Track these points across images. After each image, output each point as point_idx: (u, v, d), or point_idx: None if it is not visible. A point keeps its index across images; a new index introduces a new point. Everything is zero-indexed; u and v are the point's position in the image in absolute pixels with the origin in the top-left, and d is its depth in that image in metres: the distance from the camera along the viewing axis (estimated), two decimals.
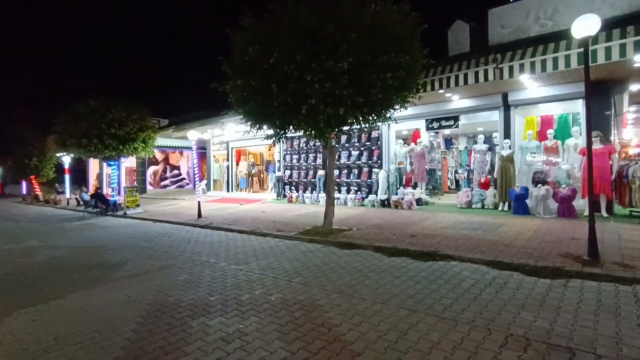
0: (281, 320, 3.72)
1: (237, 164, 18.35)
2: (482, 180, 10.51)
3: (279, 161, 15.72)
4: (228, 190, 18.23)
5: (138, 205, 14.46)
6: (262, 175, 18.52)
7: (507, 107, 9.77)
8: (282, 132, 7.75)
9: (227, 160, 18.46)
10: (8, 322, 4.05)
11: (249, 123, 7.82)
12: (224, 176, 18.95)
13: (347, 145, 13.42)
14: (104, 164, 28.54)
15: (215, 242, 8.05)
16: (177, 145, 23.26)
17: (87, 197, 14.92)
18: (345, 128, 7.63)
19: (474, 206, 10.27)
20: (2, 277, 5.93)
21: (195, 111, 20.46)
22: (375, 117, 7.32)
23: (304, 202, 13.47)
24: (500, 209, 9.68)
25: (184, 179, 24.76)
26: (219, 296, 4.49)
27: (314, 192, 13.84)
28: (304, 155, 15.02)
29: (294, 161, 15.33)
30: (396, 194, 11.50)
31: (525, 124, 10.02)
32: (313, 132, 7.28)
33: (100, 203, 14.28)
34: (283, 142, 15.67)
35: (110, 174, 15.96)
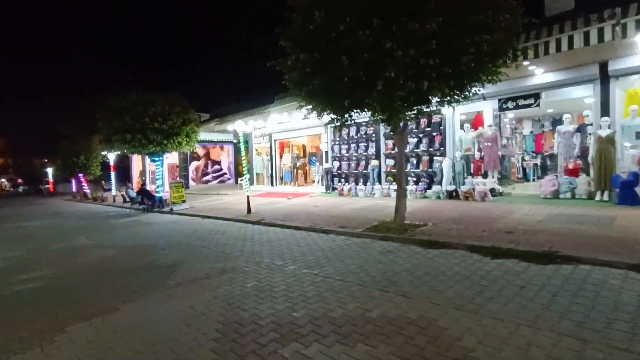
0: (402, 350, 2.77)
1: (281, 156, 17.63)
2: (570, 166, 9.05)
3: (327, 152, 14.80)
4: (272, 184, 17.56)
5: (184, 201, 14.06)
6: (306, 168, 17.70)
7: (605, 78, 8.23)
8: (349, 115, 6.77)
9: (270, 153, 17.78)
10: (62, 341, 3.37)
11: (309, 107, 6.89)
12: (267, 170, 18.31)
13: None
14: (147, 161, 28.99)
15: (273, 240, 7.25)
16: (218, 140, 22.97)
17: (133, 193, 14.72)
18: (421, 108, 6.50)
19: (561, 196, 8.85)
20: (53, 280, 5.39)
21: (235, 103, 20.01)
22: (459, 93, 6.16)
23: (357, 195, 12.48)
24: (598, 198, 8.22)
25: (225, 173, 24.48)
26: (305, 311, 3.60)
27: (367, 184, 12.81)
28: (354, 145, 13.98)
29: (343, 152, 14.34)
30: (463, 184, 10.25)
31: (627, 98, 8.45)
32: (386, 114, 6.25)
33: (146, 199, 14.00)
34: (331, 132, 14.75)
35: (155, 170, 15.69)
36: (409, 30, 5.11)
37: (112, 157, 21.70)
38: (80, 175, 25.46)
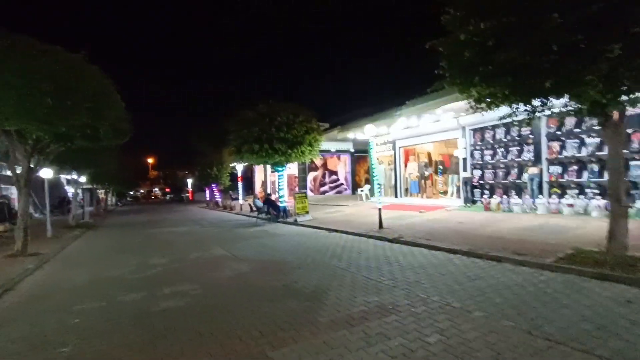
0: None
1: (405, 165, 16.08)
2: None
3: (465, 159, 12.74)
4: (396, 196, 16.11)
5: (307, 212, 13.62)
6: (433, 178, 15.77)
7: None
8: (544, 103, 4.99)
9: (394, 161, 16.39)
10: None
11: (479, 97, 5.31)
12: (389, 180, 16.95)
13: (576, 130, 9.59)
14: (268, 172, 30.54)
15: (426, 265, 5.81)
16: (336, 149, 22.62)
17: (259, 203, 14.92)
18: None
19: None
20: (194, 299, 4.92)
21: (355, 110, 19.31)
22: None
23: (511, 210, 10.18)
24: None
25: (342, 184, 23.97)
26: None
27: (522, 196, 10.38)
28: (501, 149, 11.65)
29: (487, 158, 12.09)
30: None
31: None
32: (608, 96, 4.31)
33: (272, 209, 13.97)
34: (471, 135, 12.67)
35: (278, 181, 15.76)
36: None
37: (240, 168, 23.15)
38: (213, 185, 27.96)
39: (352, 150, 23.32)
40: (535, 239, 6.78)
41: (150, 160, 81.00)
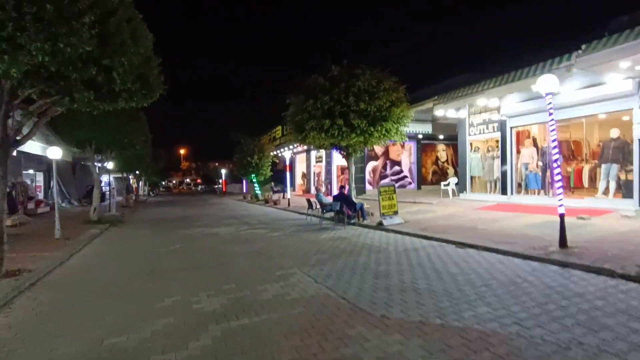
0: None
1: (518, 152, 11.99)
2: None
3: (639, 140, 8.61)
4: (504, 193, 12.10)
5: (396, 212, 9.95)
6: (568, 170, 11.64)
7: None
8: None
9: (501, 146, 12.30)
10: None
11: None
12: (490, 172, 12.94)
13: None
14: (312, 161, 26.99)
15: None
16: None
17: (325, 199, 11.36)
18: None
19: None
20: None
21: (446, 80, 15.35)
22: None
23: None
24: None
25: (405, 176, 20.04)
26: None
27: None
28: None
29: None
30: None
31: None
32: None
33: (347, 208, 10.36)
34: None
35: (350, 171, 12.17)
36: None
37: (287, 155, 19.77)
38: (252, 175, 24.75)
39: (420, 136, 19.37)
40: None
41: (182, 151, 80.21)
